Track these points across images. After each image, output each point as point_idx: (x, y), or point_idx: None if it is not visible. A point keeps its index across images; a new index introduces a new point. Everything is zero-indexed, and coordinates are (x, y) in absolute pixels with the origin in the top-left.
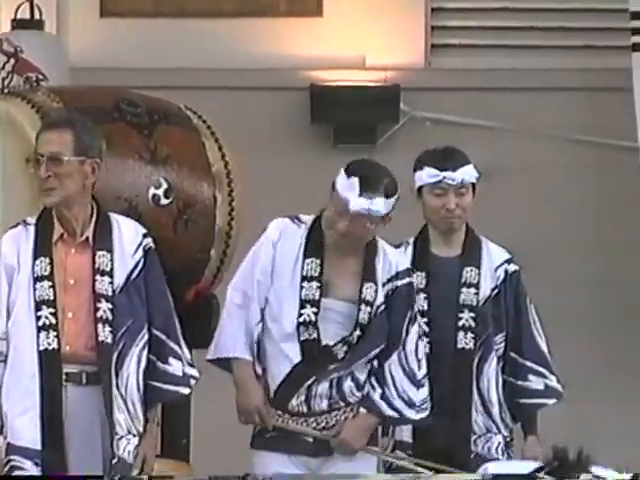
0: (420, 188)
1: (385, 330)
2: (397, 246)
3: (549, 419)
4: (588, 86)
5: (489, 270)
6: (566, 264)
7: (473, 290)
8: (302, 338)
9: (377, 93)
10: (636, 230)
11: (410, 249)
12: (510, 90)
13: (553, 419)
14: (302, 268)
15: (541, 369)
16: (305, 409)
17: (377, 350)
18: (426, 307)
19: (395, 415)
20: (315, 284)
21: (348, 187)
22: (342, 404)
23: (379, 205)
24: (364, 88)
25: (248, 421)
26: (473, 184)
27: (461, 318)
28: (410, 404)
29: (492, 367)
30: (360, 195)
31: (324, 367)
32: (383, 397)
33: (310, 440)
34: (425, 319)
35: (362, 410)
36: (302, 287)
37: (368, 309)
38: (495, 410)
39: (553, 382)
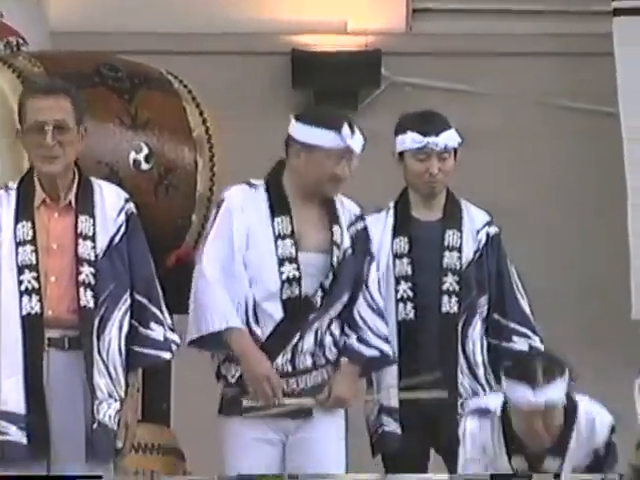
0: (401, 152)
1: (353, 273)
2: (378, 210)
3: None
4: (569, 51)
5: (471, 233)
6: (544, 228)
7: (456, 254)
8: (285, 296)
9: (358, 58)
10: (614, 196)
11: (391, 213)
12: (491, 55)
13: None
14: (273, 227)
15: (524, 330)
16: (290, 368)
17: (348, 294)
18: (410, 271)
19: (376, 354)
20: (289, 241)
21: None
22: (323, 361)
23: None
24: (345, 53)
25: (258, 391)
26: (455, 149)
27: (445, 282)
28: (386, 340)
29: (477, 330)
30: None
31: (306, 319)
32: (360, 340)
33: (290, 402)
34: (409, 283)
35: (344, 360)
36: (277, 246)
37: (337, 252)
38: (480, 372)
39: (537, 342)
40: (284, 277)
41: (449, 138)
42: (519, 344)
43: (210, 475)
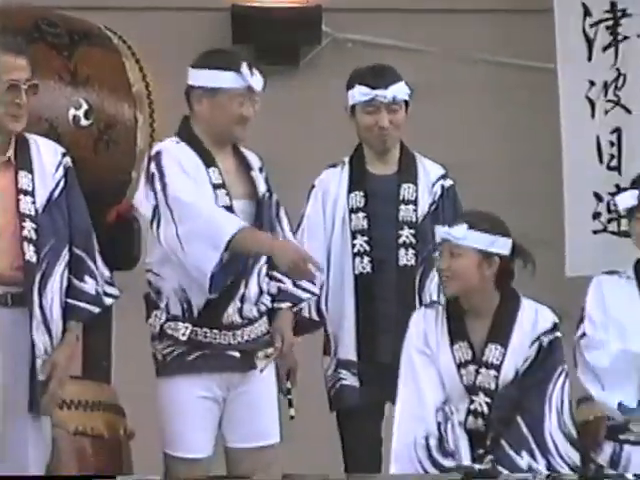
0: (353, 107)
1: (270, 217)
2: (333, 165)
3: None
4: (506, 8)
5: (426, 186)
6: (483, 183)
7: (412, 207)
8: None
9: (299, 14)
10: (553, 151)
11: (347, 168)
12: (431, 12)
13: None
14: (209, 176)
15: None
16: (238, 319)
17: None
18: (365, 225)
19: (309, 296)
20: (224, 191)
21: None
22: (264, 308)
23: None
24: (286, 9)
25: (302, 273)
26: (406, 101)
27: (401, 235)
28: (313, 282)
29: (434, 282)
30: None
31: (247, 266)
32: (295, 285)
33: (237, 355)
34: (365, 237)
35: (285, 305)
36: (216, 195)
37: (259, 197)
38: None
39: None
40: None
41: (398, 90)
42: (534, 304)
43: (152, 432)
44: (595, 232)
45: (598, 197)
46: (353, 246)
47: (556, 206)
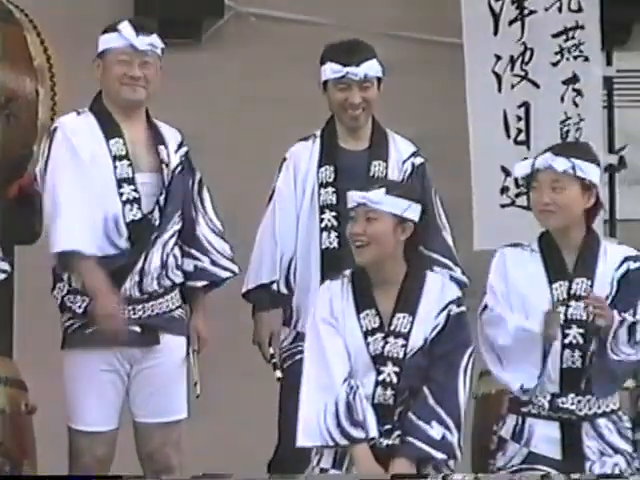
0: (325, 83)
1: (182, 193)
2: (304, 139)
3: None
4: None
5: (396, 163)
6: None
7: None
8: (127, 218)
9: None
10: (461, 124)
11: (318, 142)
12: None
13: None
14: (109, 149)
15: (446, 261)
16: (138, 293)
17: (179, 214)
18: (334, 200)
19: (229, 275)
20: (126, 162)
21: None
22: (169, 283)
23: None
24: None
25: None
26: (379, 78)
27: None
28: (233, 260)
29: None
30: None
31: (149, 241)
32: (213, 263)
33: (137, 329)
34: (333, 212)
35: (199, 284)
36: (115, 167)
37: (166, 170)
38: None
39: (458, 273)
40: (124, 198)
41: (370, 68)
42: (440, 274)
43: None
44: (503, 206)
45: (506, 171)
46: (321, 220)
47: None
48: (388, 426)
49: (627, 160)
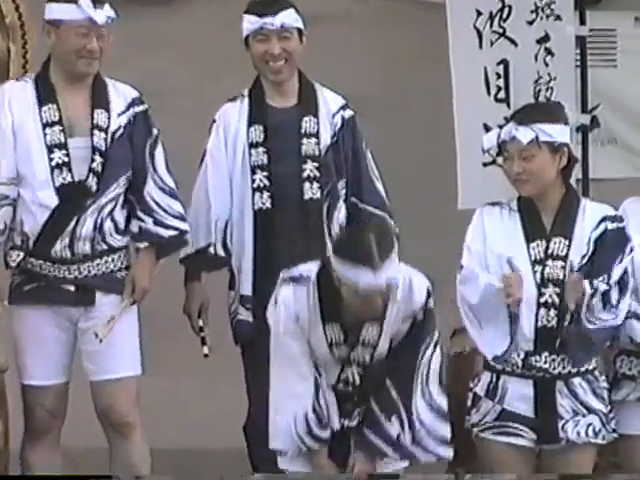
0: (247, 38)
1: (125, 156)
2: (232, 99)
3: None
4: None
5: (327, 117)
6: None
7: (314, 140)
8: (57, 183)
9: None
10: (446, 84)
11: (246, 101)
12: None
13: None
14: (41, 117)
15: (381, 213)
16: (69, 254)
17: (125, 177)
18: (265, 160)
19: (174, 233)
20: (58, 128)
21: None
22: (104, 247)
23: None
24: None
25: None
26: (299, 30)
27: (305, 169)
28: (182, 218)
29: (342, 213)
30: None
31: (82, 205)
32: (157, 223)
33: (72, 289)
34: (265, 172)
35: (143, 245)
36: (45, 134)
37: (103, 135)
38: None
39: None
40: (54, 163)
41: (287, 17)
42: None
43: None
44: (485, 164)
45: (487, 129)
46: (253, 181)
47: (449, 140)
48: (349, 407)
49: (600, 120)
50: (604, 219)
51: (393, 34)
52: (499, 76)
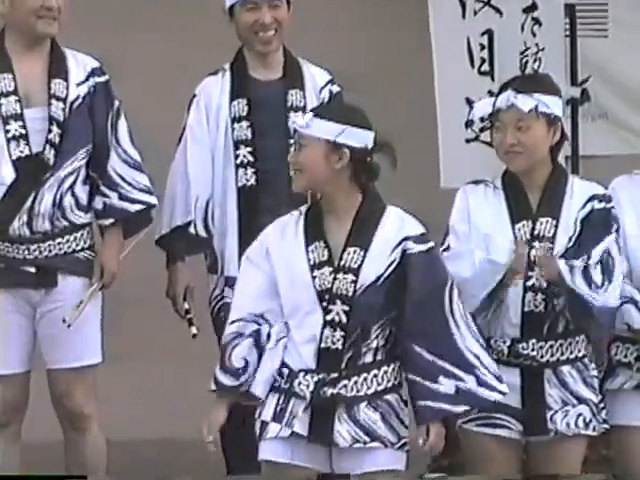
0: (231, 8)
1: (85, 127)
2: (213, 73)
3: None
4: None
5: (313, 91)
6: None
7: (300, 114)
8: (14, 156)
9: None
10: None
11: (228, 75)
12: None
13: None
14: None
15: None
16: (28, 232)
17: (85, 150)
18: (249, 135)
19: (140, 207)
20: (13, 98)
21: None
22: (65, 223)
23: None
24: None
25: None
26: None
27: (291, 144)
28: (149, 191)
29: None
30: None
31: (39, 179)
32: (122, 198)
33: (32, 270)
34: (249, 148)
35: (108, 222)
36: (0, 104)
37: (61, 105)
38: None
39: None
40: (9, 135)
41: None
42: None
43: None
44: (468, 141)
45: (470, 103)
46: (236, 157)
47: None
48: (334, 374)
49: (590, 93)
50: (592, 198)
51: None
52: (483, 47)
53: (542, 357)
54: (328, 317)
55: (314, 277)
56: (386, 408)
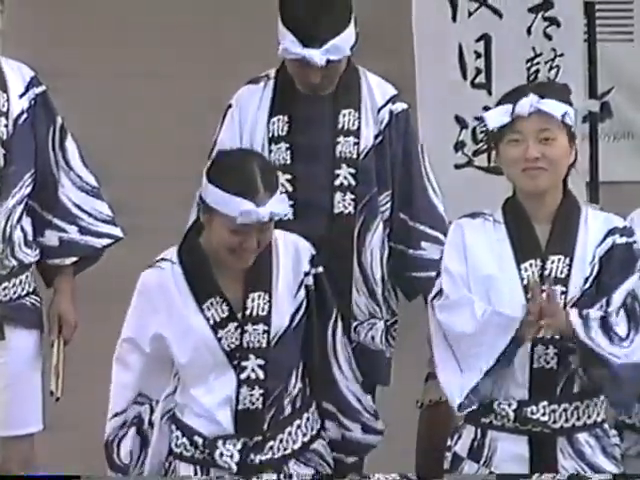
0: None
1: (30, 149)
2: (254, 81)
3: None
4: None
5: (371, 112)
6: None
7: (352, 139)
8: None
9: None
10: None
11: (271, 85)
12: None
13: None
14: None
15: (437, 234)
16: None
17: (29, 173)
18: (288, 159)
19: (107, 241)
20: None
21: None
22: (15, 263)
23: None
24: None
25: None
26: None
27: (338, 175)
28: (113, 222)
29: (377, 235)
30: None
31: None
32: (83, 231)
33: None
34: (288, 175)
35: (67, 261)
36: None
37: (3, 121)
38: (379, 290)
39: None
40: None
41: (334, 50)
42: (430, 252)
43: None
44: (458, 167)
45: (461, 122)
46: None
47: None
48: (258, 437)
49: (612, 107)
50: (611, 232)
51: None
52: (478, 55)
53: (554, 423)
54: (242, 375)
55: (219, 338)
56: (317, 460)
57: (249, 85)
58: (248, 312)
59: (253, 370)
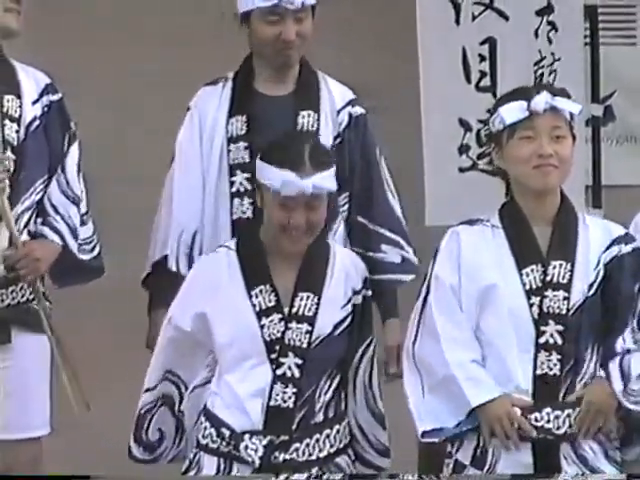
0: (247, 14)
1: (44, 155)
2: (212, 83)
3: None
4: None
5: (330, 114)
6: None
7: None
8: None
9: None
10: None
11: (229, 86)
12: None
13: None
14: None
15: (396, 237)
16: None
17: (42, 179)
18: (247, 159)
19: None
20: None
21: None
22: None
23: None
24: None
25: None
26: (312, 6)
27: None
28: (81, 223)
29: (338, 236)
30: None
31: None
32: (45, 223)
33: None
34: (247, 174)
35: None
36: None
37: (15, 127)
38: None
39: (410, 254)
40: None
41: None
42: (390, 255)
43: None
44: (462, 170)
45: (465, 125)
46: (232, 184)
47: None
48: (285, 437)
49: (615, 111)
50: (616, 241)
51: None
52: (483, 59)
53: (558, 429)
54: (279, 371)
55: (262, 326)
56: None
57: (207, 87)
58: (295, 310)
59: (290, 368)
